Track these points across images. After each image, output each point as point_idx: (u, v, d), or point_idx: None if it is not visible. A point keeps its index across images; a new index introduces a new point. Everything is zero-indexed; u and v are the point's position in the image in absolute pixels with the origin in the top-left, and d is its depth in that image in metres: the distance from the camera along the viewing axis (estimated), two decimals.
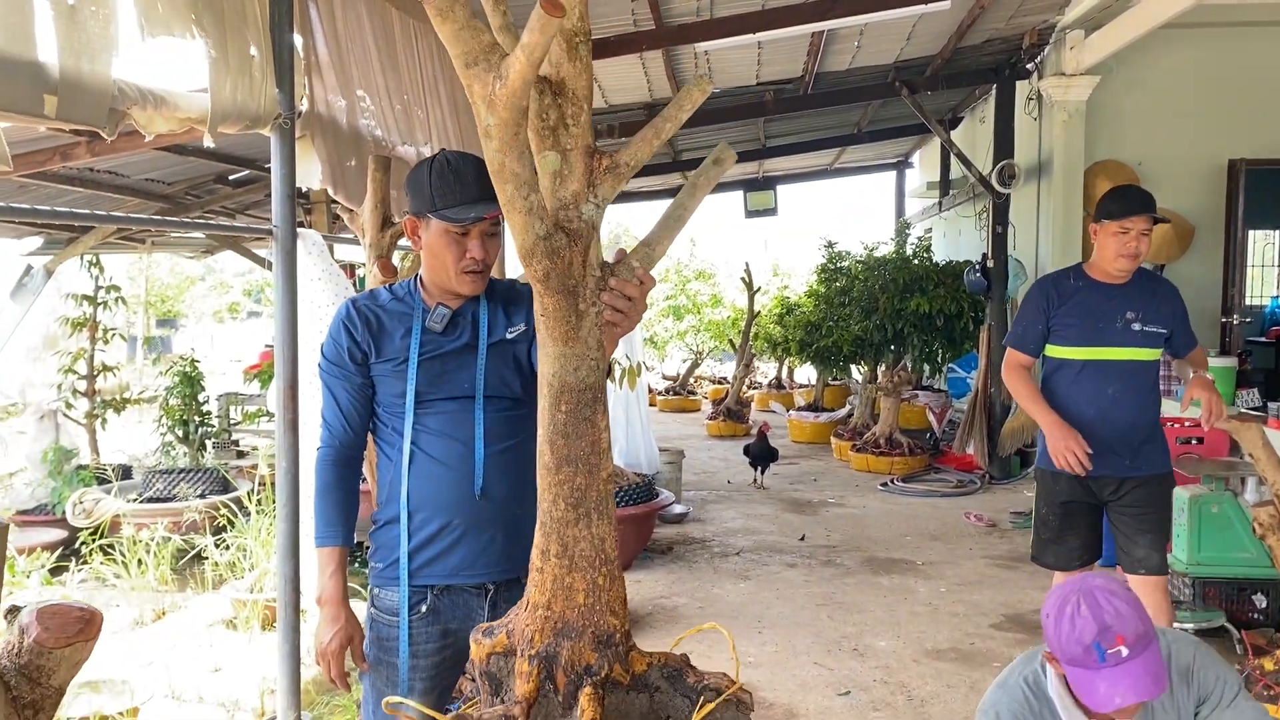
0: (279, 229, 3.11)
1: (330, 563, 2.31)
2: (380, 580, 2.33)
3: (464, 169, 2.19)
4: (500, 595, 2.31)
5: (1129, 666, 2.12)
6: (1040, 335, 3.86)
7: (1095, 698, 2.15)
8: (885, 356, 10.41)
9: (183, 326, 28.77)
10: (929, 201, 13.36)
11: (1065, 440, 3.62)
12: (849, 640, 4.87)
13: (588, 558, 1.86)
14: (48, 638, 1.11)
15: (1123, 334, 3.74)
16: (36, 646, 1.10)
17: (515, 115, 1.71)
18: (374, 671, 2.34)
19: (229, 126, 2.72)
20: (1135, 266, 3.74)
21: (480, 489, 2.26)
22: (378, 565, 2.34)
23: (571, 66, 1.82)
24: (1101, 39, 7.66)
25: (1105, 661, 2.12)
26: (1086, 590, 2.25)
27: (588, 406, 1.89)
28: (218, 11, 2.65)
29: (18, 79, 1.94)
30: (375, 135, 3.96)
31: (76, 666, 1.13)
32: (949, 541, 6.75)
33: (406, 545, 2.26)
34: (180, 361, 7.92)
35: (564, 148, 1.88)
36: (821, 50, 7.65)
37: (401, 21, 4.45)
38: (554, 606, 1.84)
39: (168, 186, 8.43)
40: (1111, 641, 2.13)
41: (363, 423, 2.37)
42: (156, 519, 6.10)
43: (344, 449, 2.36)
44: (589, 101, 1.85)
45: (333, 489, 2.34)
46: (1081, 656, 2.16)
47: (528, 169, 1.83)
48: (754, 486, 8.72)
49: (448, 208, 2.17)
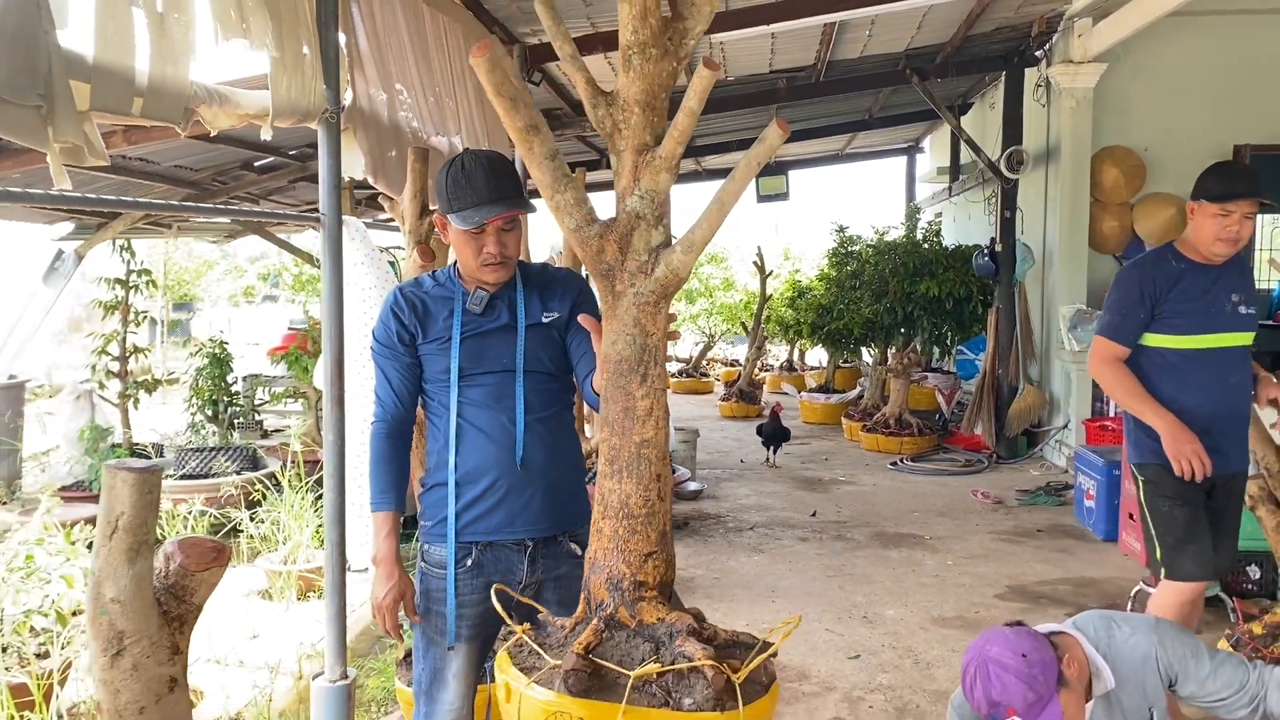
0: (326, 216, 3.33)
1: (384, 525, 2.54)
2: (430, 537, 2.57)
3: (475, 172, 2.38)
4: (539, 551, 2.54)
5: None
6: (1141, 324, 3.49)
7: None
8: (895, 339, 10.59)
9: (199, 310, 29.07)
10: (939, 186, 13.50)
11: (1188, 444, 3.31)
12: (859, 609, 5.09)
13: (614, 509, 2.09)
14: (189, 562, 1.33)
15: (1232, 318, 3.47)
16: (180, 570, 1.32)
17: (518, 137, 1.96)
18: (424, 621, 2.58)
19: (283, 121, 2.93)
20: (1234, 252, 3.45)
21: (521, 456, 2.49)
22: (427, 523, 2.58)
23: (625, 77, 2.04)
24: (1108, 27, 7.80)
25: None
26: (982, 662, 2.50)
27: (623, 376, 2.12)
28: (278, 15, 2.86)
29: (114, 83, 2.16)
30: (413, 127, 4.18)
31: (212, 587, 1.35)
32: (956, 518, 6.95)
33: (454, 505, 2.50)
34: (210, 344, 8.15)
35: (618, 149, 2.10)
36: (834, 39, 7.82)
37: (431, 16, 4.65)
38: (592, 544, 2.09)
39: (194, 173, 8.63)
40: (1004, 714, 2.41)
41: (412, 399, 2.62)
42: (193, 494, 6.35)
43: (395, 423, 2.60)
44: (640, 104, 2.06)
45: (386, 459, 2.58)
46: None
47: (548, 175, 2.04)
48: (766, 465, 8.93)
49: (459, 210, 2.38)
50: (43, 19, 1.98)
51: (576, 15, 5.85)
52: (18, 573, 3.91)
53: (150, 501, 1.22)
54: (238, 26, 2.57)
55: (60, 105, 2.00)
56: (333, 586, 3.43)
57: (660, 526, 2.13)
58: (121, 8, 2.21)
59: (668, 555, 2.15)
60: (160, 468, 1.31)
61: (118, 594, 1.23)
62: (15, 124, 1.94)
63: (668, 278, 2.10)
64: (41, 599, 3.90)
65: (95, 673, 1.27)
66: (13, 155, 5.76)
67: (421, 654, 2.61)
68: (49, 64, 1.99)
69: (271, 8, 2.81)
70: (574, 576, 2.56)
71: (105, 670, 1.24)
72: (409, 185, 3.50)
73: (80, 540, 4.98)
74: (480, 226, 2.39)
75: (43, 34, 1.98)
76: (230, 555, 1.35)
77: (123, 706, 1.24)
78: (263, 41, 2.74)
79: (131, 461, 1.28)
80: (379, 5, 3.97)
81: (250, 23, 2.62)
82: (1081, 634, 2.68)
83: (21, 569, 3.93)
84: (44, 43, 1.98)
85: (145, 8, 2.28)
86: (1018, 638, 2.51)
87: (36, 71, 1.96)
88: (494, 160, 2.43)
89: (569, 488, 2.61)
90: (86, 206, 7.85)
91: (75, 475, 7.31)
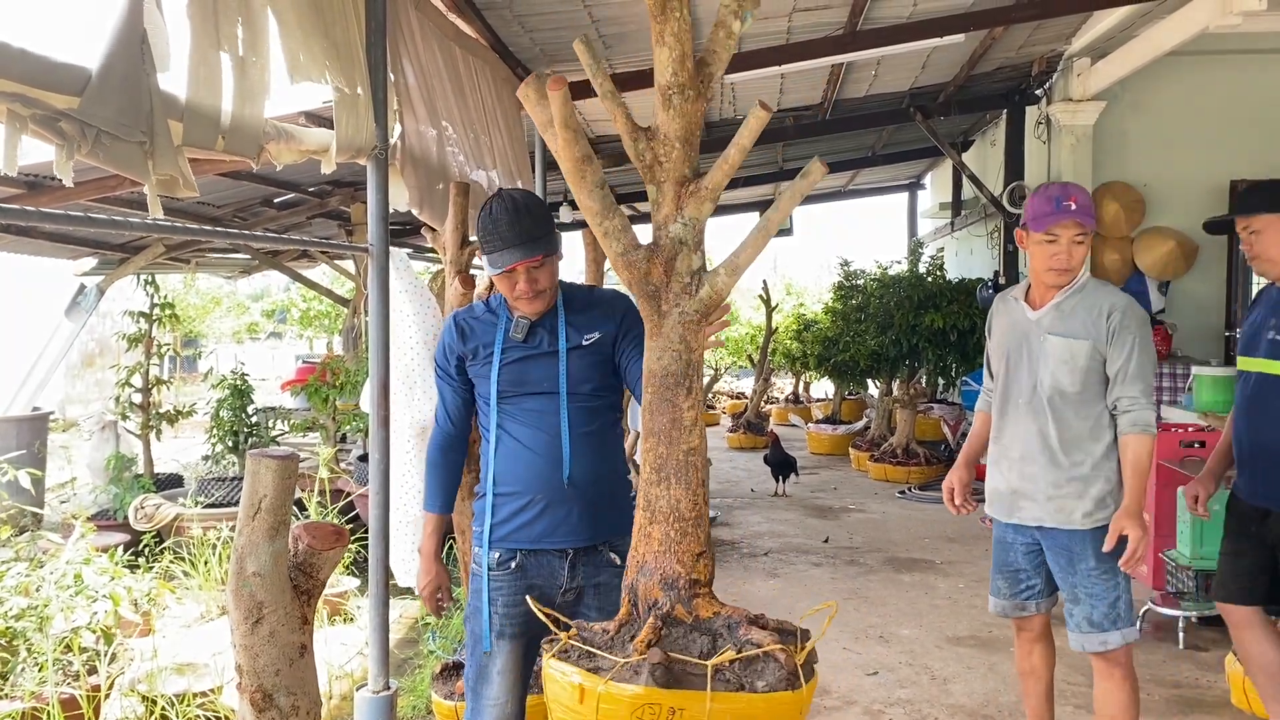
0: (374, 247, 3.52)
1: (429, 525, 2.86)
2: (479, 541, 2.75)
3: (500, 218, 2.57)
4: (579, 559, 2.72)
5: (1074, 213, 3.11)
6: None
7: (1040, 225, 3.13)
8: (901, 371, 10.76)
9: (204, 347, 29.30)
10: (941, 221, 13.73)
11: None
12: (875, 629, 5.22)
13: (664, 513, 2.26)
14: (315, 543, 1.49)
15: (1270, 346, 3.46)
16: (308, 549, 1.49)
17: (572, 166, 2.15)
18: (472, 619, 2.75)
19: (344, 156, 3.13)
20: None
21: (568, 474, 2.67)
22: (477, 529, 2.76)
23: (665, 114, 2.24)
24: (1107, 67, 8.05)
25: (1059, 209, 3.11)
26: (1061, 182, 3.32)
27: (669, 389, 2.30)
28: (338, 57, 3.06)
29: (202, 121, 2.35)
30: (458, 161, 4.38)
31: (334, 565, 1.52)
32: (966, 543, 7.09)
33: (490, 517, 2.71)
34: (231, 376, 8.31)
35: (657, 180, 2.29)
36: (841, 79, 8.07)
37: (464, 59, 4.87)
38: (639, 549, 2.25)
39: (217, 209, 8.85)
40: (1068, 197, 3.12)
41: (465, 417, 2.87)
42: (220, 521, 6.48)
43: (449, 437, 2.86)
44: (680, 140, 2.26)
45: (438, 468, 2.85)
46: (1043, 205, 3.15)
47: (597, 202, 2.23)
48: (776, 495, 9.08)
49: (489, 254, 2.60)
50: (146, 64, 2.17)
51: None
52: (67, 590, 4.05)
53: (289, 486, 1.38)
54: (306, 68, 2.77)
55: (160, 142, 2.19)
56: (376, 601, 3.58)
57: (706, 528, 2.30)
58: (210, 52, 2.40)
59: (712, 555, 2.32)
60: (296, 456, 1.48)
61: (259, 568, 1.39)
62: (122, 158, 2.12)
63: (711, 297, 2.28)
64: (90, 616, 4.04)
65: (236, 639, 1.42)
66: (49, 191, 5.96)
67: (470, 651, 2.78)
68: (150, 104, 2.18)
69: (334, 51, 3.01)
70: (613, 584, 2.74)
71: (246, 636, 1.39)
72: (450, 217, 3.68)
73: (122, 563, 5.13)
74: (508, 268, 2.58)
75: (145, 77, 2.17)
76: (349, 539, 1.51)
77: (261, 669, 1.39)
78: (325, 80, 2.94)
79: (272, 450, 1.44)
80: (423, 47, 4.18)
81: (317, 64, 2.82)
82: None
83: (71, 587, 4.07)
84: (146, 85, 2.17)
85: (229, 51, 2.48)
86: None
87: (140, 111, 2.14)
88: (520, 203, 2.59)
89: (611, 500, 2.79)
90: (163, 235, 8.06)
91: (99, 504, 7.45)
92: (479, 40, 5.24)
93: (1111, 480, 3.20)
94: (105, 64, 2.06)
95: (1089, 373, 3.16)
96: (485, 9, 5.01)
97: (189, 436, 13.02)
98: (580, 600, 2.74)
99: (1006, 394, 3.35)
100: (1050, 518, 3.21)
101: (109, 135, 2.08)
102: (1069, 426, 3.19)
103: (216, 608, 5.92)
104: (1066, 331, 3.19)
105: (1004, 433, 3.36)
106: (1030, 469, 3.25)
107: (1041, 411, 3.22)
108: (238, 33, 2.50)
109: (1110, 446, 3.19)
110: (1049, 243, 3.17)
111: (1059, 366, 3.19)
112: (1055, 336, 3.20)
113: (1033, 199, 3.24)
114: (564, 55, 6.02)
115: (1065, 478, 3.18)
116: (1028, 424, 3.26)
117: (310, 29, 2.85)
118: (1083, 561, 3.17)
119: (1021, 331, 3.31)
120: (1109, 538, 3.05)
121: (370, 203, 3.52)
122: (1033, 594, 3.39)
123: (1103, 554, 3.10)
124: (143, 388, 8.34)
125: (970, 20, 6.41)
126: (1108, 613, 3.14)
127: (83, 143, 2.02)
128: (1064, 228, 3.13)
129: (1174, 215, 8.65)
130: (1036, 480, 3.23)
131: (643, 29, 5.73)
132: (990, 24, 6.61)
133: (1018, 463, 3.29)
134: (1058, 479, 3.20)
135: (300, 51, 2.73)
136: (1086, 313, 3.19)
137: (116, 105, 2.08)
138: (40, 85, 1.94)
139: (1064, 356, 3.18)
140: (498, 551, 2.69)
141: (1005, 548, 3.42)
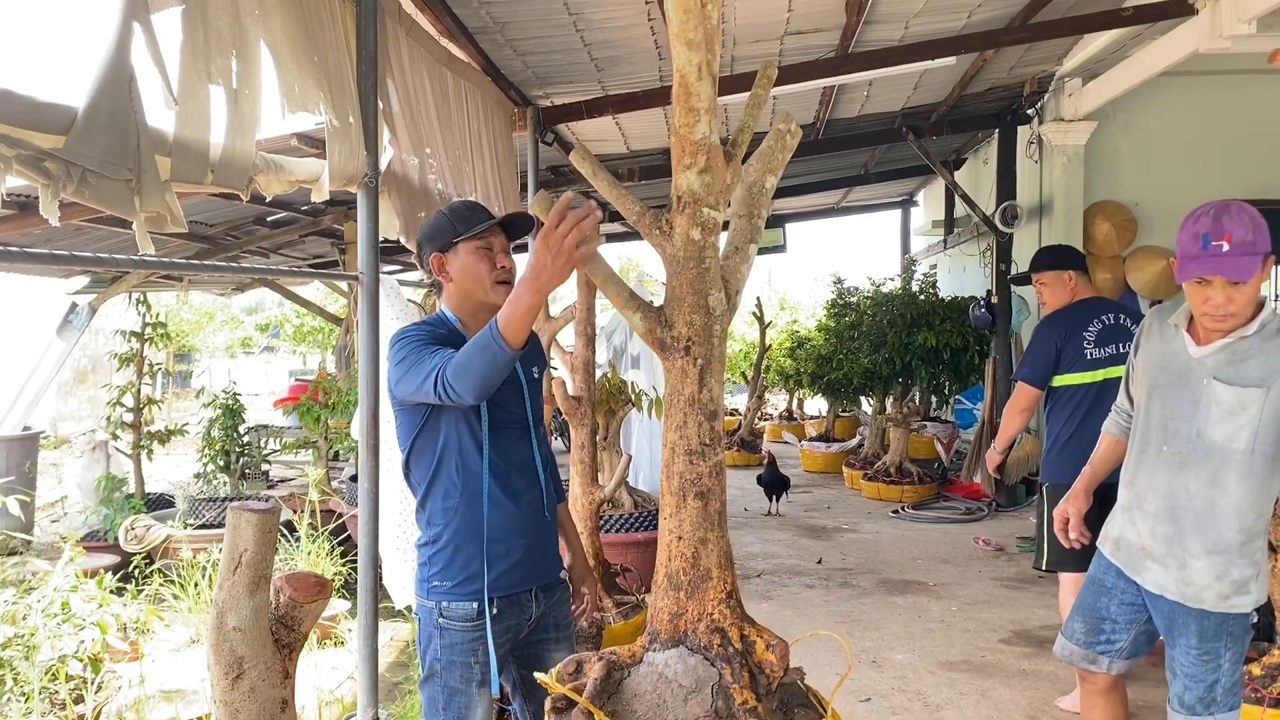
0: (364, 275, 3.51)
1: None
2: (451, 595, 2.54)
3: (475, 205, 2.62)
4: (541, 588, 2.69)
5: (1224, 259, 2.59)
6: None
7: (1185, 274, 2.66)
8: (894, 389, 10.76)
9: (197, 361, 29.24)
10: (934, 239, 13.77)
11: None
12: (868, 653, 5.20)
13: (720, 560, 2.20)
14: (297, 595, 1.48)
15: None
16: (290, 602, 1.47)
17: (621, 304, 2.11)
18: (443, 675, 2.55)
19: (335, 185, 3.12)
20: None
21: (546, 508, 2.68)
22: (446, 583, 2.53)
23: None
24: (1098, 87, 8.09)
25: (1207, 250, 2.61)
26: (1227, 202, 2.69)
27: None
28: (331, 86, 3.05)
29: (191, 155, 2.34)
30: (439, 188, 4.38)
31: (316, 618, 1.50)
32: (959, 565, 7.08)
33: (484, 567, 2.52)
34: (223, 395, 8.28)
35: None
36: (833, 99, 8.09)
37: (454, 82, 4.87)
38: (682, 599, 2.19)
39: (209, 228, 8.84)
40: (1220, 235, 2.61)
41: None
42: (210, 543, 6.44)
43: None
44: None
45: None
46: (1190, 245, 2.67)
47: (618, 290, 2.16)
48: (769, 515, 9.06)
49: (470, 227, 2.54)
50: (133, 100, 2.16)
51: (588, 79, 6.09)
52: (54, 619, 4.01)
53: (269, 540, 1.37)
54: (301, 99, 2.77)
55: (147, 178, 2.18)
56: (365, 630, 3.56)
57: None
58: (200, 86, 2.40)
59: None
60: (277, 509, 1.46)
61: (239, 623, 1.37)
62: (108, 196, 2.11)
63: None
64: (77, 645, 4.01)
65: (216, 694, 1.40)
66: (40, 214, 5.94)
67: (441, 708, 2.57)
68: (137, 140, 2.17)
69: (327, 80, 3.01)
70: (564, 600, 2.80)
71: (226, 692, 1.38)
72: None
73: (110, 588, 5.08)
74: (493, 237, 2.56)
75: (133, 113, 2.16)
76: (332, 589, 1.50)
77: None
78: (319, 111, 2.93)
79: (252, 504, 1.43)
80: (410, 72, 4.18)
81: (312, 95, 2.81)
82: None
83: (58, 615, 4.04)
84: (134, 122, 2.16)
85: (223, 84, 2.47)
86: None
87: (127, 148, 2.13)
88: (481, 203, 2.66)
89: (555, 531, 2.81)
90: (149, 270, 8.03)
91: (89, 525, 7.40)
92: (471, 64, 5.24)
93: (1261, 564, 2.76)
94: (92, 102, 2.05)
95: (1262, 429, 2.67)
96: (478, 34, 5.02)
97: (180, 454, 12.97)
98: (539, 627, 2.71)
99: (1147, 436, 2.92)
100: (1176, 590, 2.80)
101: (94, 173, 2.07)
102: (1225, 490, 2.73)
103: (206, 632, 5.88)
104: (1237, 379, 2.70)
105: (1139, 479, 2.95)
106: (1165, 529, 2.83)
107: (1191, 466, 2.78)
108: (231, 65, 2.50)
109: (1269, 523, 2.77)
110: (1200, 285, 2.70)
111: (1223, 419, 2.71)
112: (1222, 384, 2.72)
113: (1181, 228, 2.74)
114: (556, 78, 6.04)
115: (1206, 550, 2.75)
116: (1170, 477, 2.82)
117: (304, 59, 2.84)
118: (1183, 637, 2.82)
119: (1179, 368, 2.84)
120: None
121: (360, 232, 3.51)
122: (1110, 650, 3.04)
123: (1207, 634, 2.75)
124: (134, 407, 8.31)
125: (961, 44, 6.43)
126: (1202, 696, 2.78)
127: (68, 182, 2.01)
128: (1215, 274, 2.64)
129: (1166, 234, 8.68)
130: (1171, 544, 2.81)
131: (634, 52, 5.75)
132: (981, 47, 6.65)
133: (1150, 518, 2.88)
134: (1195, 548, 2.77)
135: (295, 83, 2.73)
136: (1266, 356, 2.69)
137: (103, 143, 2.07)
138: (25, 125, 1.93)
139: (1231, 407, 2.70)
140: (475, 602, 2.54)
141: (1101, 591, 3.06)
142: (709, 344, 1.97)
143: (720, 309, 2.00)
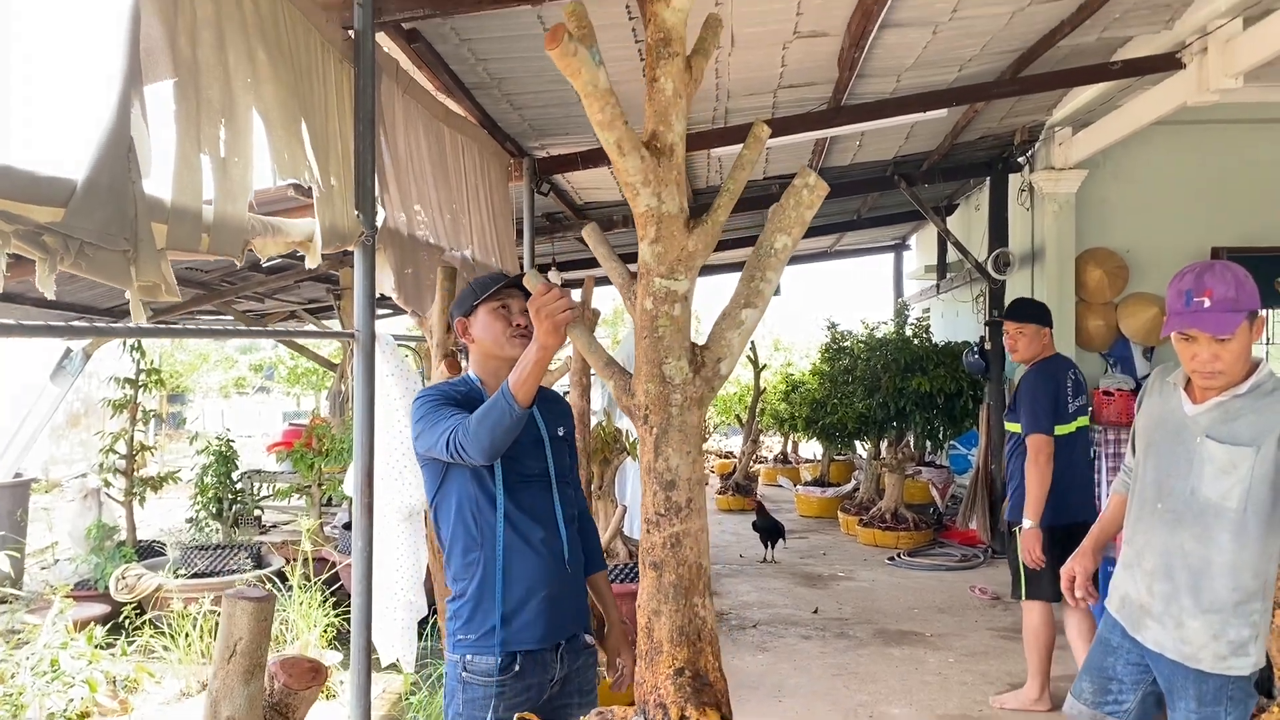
0: (360, 332, 3.52)
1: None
2: (474, 649, 2.63)
3: (497, 275, 2.81)
4: (566, 648, 2.71)
5: (1205, 314, 2.65)
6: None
7: (1168, 328, 2.74)
8: (888, 433, 10.76)
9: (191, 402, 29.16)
10: (926, 283, 13.83)
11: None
12: (865, 708, 5.16)
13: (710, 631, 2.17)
14: (291, 682, 1.46)
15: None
16: (284, 689, 1.46)
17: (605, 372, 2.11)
18: None
19: (328, 248, 3.14)
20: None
21: (568, 561, 2.70)
22: (469, 636, 2.64)
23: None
24: (1089, 136, 8.16)
25: (1189, 306, 2.68)
26: (1213, 262, 2.75)
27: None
28: (318, 150, 3.08)
29: (186, 223, 2.35)
30: (430, 244, 4.40)
31: (310, 704, 1.49)
32: (955, 614, 7.04)
33: (500, 617, 2.60)
34: (216, 441, 8.25)
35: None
36: (826, 150, 8.17)
37: (451, 137, 4.92)
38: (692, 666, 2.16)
39: (204, 274, 8.86)
40: (1201, 292, 2.67)
41: None
42: (202, 593, 6.39)
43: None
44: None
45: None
46: (1174, 301, 2.73)
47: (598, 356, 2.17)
48: (764, 562, 9.01)
49: (487, 290, 2.70)
50: (131, 170, 2.18)
51: (583, 131, 6.15)
52: (43, 677, 3.98)
53: (264, 628, 1.36)
54: (291, 166, 2.79)
55: (144, 248, 2.19)
56: (358, 689, 3.53)
57: None
58: (192, 155, 2.42)
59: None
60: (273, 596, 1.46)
61: (234, 712, 1.36)
62: (105, 267, 2.12)
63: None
64: (65, 703, 3.97)
65: None
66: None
67: None
68: (135, 210, 2.18)
69: (318, 148, 3.04)
70: (589, 665, 2.80)
71: None
72: (437, 301, 3.69)
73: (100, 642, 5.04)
74: (510, 297, 2.70)
75: (130, 184, 2.18)
76: (328, 674, 1.49)
77: None
78: (308, 177, 2.95)
79: (248, 591, 1.42)
80: (405, 129, 4.22)
81: (301, 162, 2.84)
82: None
83: (47, 673, 4.00)
84: (131, 192, 2.18)
85: (210, 153, 2.49)
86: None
87: (125, 219, 2.14)
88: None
89: (583, 586, 2.83)
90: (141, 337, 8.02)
91: (80, 574, 7.34)
92: (468, 117, 5.29)
93: (1259, 625, 2.72)
94: (91, 175, 2.06)
95: (1255, 488, 2.66)
96: (475, 89, 5.07)
97: (173, 498, 12.88)
98: (564, 690, 2.72)
99: (1144, 493, 2.94)
100: (1174, 649, 2.79)
101: (92, 245, 2.08)
102: (1220, 549, 2.72)
103: (197, 683, 5.81)
104: (1229, 437, 2.70)
105: (1136, 536, 2.96)
106: (1162, 587, 2.83)
107: (1186, 524, 2.78)
108: (219, 134, 2.52)
109: (1270, 585, 2.71)
110: (1187, 341, 2.74)
111: (1216, 477, 2.71)
112: (1214, 442, 2.72)
113: (1169, 286, 2.81)
114: (551, 130, 6.09)
115: (1201, 608, 2.74)
116: (1166, 535, 2.83)
117: (293, 126, 2.87)
118: (1182, 700, 2.79)
119: (1174, 426, 2.85)
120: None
121: (357, 290, 3.53)
122: (1119, 711, 3.00)
123: (1205, 698, 2.72)
124: (127, 454, 8.27)
125: (952, 96, 6.51)
126: None
127: (65, 255, 2.02)
128: (1198, 330, 2.68)
129: (1157, 281, 8.74)
130: (1168, 603, 2.81)
131: (629, 106, 5.79)
132: (971, 100, 6.72)
133: (1148, 576, 2.88)
134: (1192, 608, 2.76)
135: (285, 150, 2.75)
136: (1258, 415, 2.69)
137: (102, 216, 2.08)
138: (24, 199, 1.94)
139: (1224, 466, 2.70)
140: (498, 656, 2.59)
141: (1108, 650, 3.05)
142: (665, 413, 1.95)
143: (681, 378, 1.96)
